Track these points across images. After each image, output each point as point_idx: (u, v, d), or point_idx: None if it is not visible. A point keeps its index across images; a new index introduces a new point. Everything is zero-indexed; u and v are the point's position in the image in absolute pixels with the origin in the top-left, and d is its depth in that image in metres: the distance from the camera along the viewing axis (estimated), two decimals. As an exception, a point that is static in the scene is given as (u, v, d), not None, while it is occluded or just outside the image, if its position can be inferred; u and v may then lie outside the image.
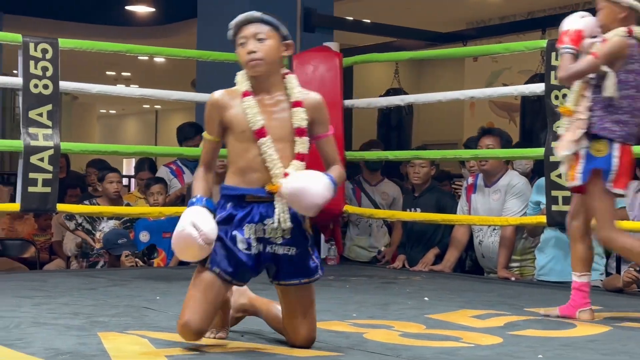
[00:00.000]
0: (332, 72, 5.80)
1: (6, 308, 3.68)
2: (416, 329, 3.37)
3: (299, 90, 2.82)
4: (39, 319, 3.38)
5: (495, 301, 4.25)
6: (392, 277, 5.36)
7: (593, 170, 3.54)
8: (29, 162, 4.94)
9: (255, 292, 3.13)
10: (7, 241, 7.49)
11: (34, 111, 4.98)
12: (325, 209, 5.66)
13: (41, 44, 5.04)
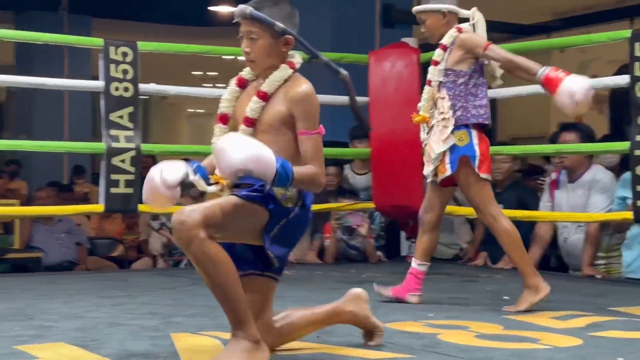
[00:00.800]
0: (409, 69, 5.74)
1: (87, 308, 3.77)
2: (493, 330, 3.30)
3: (272, 81, 2.65)
4: (116, 320, 3.43)
5: (579, 300, 4.14)
6: (473, 275, 5.31)
7: (460, 158, 3.88)
8: (111, 164, 5.03)
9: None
10: (96, 240, 7.67)
11: (114, 113, 5.06)
12: (404, 207, 5.69)
13: (121, 47, 5.13)
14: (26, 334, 3.12)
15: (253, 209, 2.52)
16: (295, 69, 2.68)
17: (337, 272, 5.26)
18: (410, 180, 5.71)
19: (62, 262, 6.82)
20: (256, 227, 2.54)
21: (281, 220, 2.56)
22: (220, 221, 2.43)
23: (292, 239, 2.67)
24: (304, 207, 2.63)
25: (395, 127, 5.69)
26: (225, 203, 2.50)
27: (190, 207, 2.43)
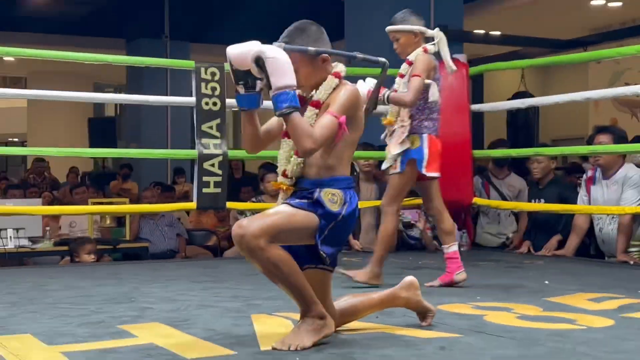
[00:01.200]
0: (459, 81, 5.64)
1: (181, 292, 3.77)
2: (533, 312, 3.18)
3: (323, 91, 2.53)
4: (204, 302, 3.42)
5: (612, 284, 3.98)
6: (517, 261, 5.17)
7: (409, 160, 3.94)
8: (203, 168, 5.05)
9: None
10: (194, 232, 7.73)
11: (205, 125, 5.08)
12: (456, 201, 5.59)
13: (210, 68, 5.14)
14: (129, 314, 3.13)
15: (304, 215, 2.45)
16: (340, 77, 2.58)
17: (397, 260, 5.17)
18: (460, 178, 5.61)
19: (165, 251, 6.88)
20: (308, 230, 2.46)
21: (330, 224, 2.48)
22: (276, 228, 2.38)
23: (341, 239, 2.59)
24: (350, 209, 2.53)
25: (448, 131, 5.51)
26: (279, 212, 2.45)
27: (248, 219, 2.39)
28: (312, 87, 2.58)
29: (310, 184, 2.51)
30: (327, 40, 2.61)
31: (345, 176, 2.56)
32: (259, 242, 2.32)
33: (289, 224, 2.42)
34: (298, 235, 2.46)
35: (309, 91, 2.60)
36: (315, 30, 2.59)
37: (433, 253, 5.64)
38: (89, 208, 6.52)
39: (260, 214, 2.45)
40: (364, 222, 5.99)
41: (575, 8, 10.51)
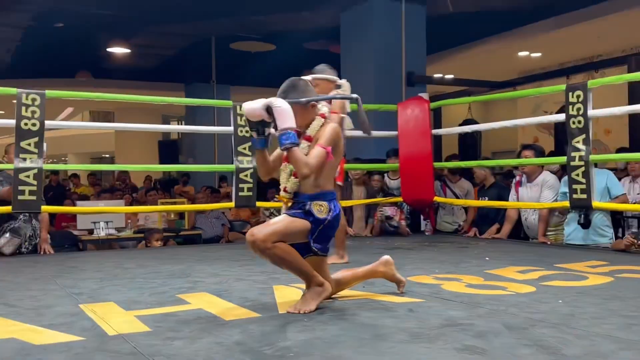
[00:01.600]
0: (423, 113, 5.62)
1: (223, 269, 3.75)
2: (477, 281, 3.17)
3: (312, 128, 2.53)
4: (240, 276, 3.40)
5: (534, 260, 3.94)
6: (465, 243, 5.12)
7: None
8: (239, 177, 5.02)
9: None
10: (234, 222, 7.70)
11: (240, 146, 5.05)
12: (422, 199, 5.55)
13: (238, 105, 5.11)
14: (185, 286, 3.11)
15: (299, 222, 2.47)
16: (325, 117, 2.60)
17: (380, 242, 5.16)
18: (425, 183, 5.60)
19: (213, 237, 6.85)
20: (303, 233, 2.48)
21: (319, 227, 2.49)
22: (278, 233, 2.39)
23: (328, 236, 2.57)
24: (334, 214, 2.53)
25: (414, 149, 5.61)
26: (281, 220, 2.45)
27: (257, 228, 2.40)
28: (305, 125, 2.58)
29: (304, 197, 2.51)
30: (312, 89, 2.60)
31: (330, 191, 2.56)
32: (266, 244, 2.35)
33: (288, 229, 2.42)
34: (296, 236, 2.46)
35: (303, 128, 2.59)
36: (303, 84, 2.57)
37: (405, 237, 5.60)
38: (157, 207, 6.52)
39: (266, 223, 2.46)
40: (356, 215, 5.96)
41: (507, 57, 10.46)
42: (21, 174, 4.26)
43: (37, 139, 4.33)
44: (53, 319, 2.37)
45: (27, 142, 4.28)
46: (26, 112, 4.29)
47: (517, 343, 1.97)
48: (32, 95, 4.31)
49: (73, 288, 3.08)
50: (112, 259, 4.35)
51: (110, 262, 4.14)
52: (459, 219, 6.06)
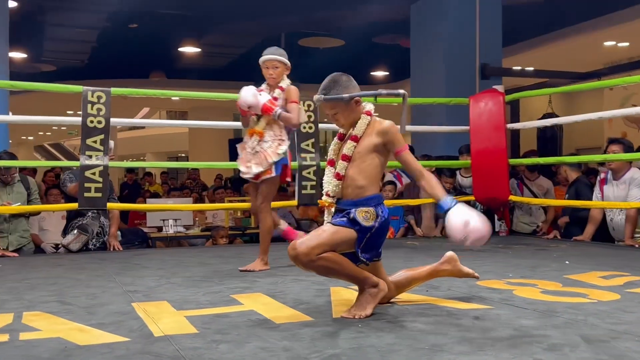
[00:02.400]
0: (497, 106, 5.32)
1: (282, 268, 3.66)
2: (554, 287, 2.92)
3: (359, 128, 2.40)
4: (297, 277, 3.30)
5: (620, 264, 3.62)
6: (544, 245, 4.81)
7: (283, 165, 3.56)
8: (302, 175, 4.94)
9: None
10: (301, 220, 7.64)
11: (303, 143, 4.98)
12: (495, 198, 5.28)
13: (307, 101, 5.03)
14: (240, 286, 3.04)
15: (344, 231, 2.32)
16: (371, 114, 2.45)
17: (449, 243, 4.91)
18: (499, 181, 5.31)
19: (279, 235, 6.80)
20: (349, 242, 2.33)
21: (366, 235, 2.34)
22: (321, 245, 2.25)
23: (377, 244, 2.40)
24: (382, 220, 2.36)
25: (488, 145, 5.33)
26: (325, 230, 2.32)
27: (300, 241, 2.27)
28: (350, 124, 2.45)
29: (347, 204, 2.37)
30: (355, 85, 2.45)
31: (376, 194, 2.39)
32: (310, 257, 2.23)
33: (332, 240, 2.29)
34: (341, 247, 2.33)
35: (349, 127, 2.45)
36: (345, 79, 2.43)
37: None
38: (222, 205, 6.57)
39: (310, 234, 2.34)
40: (424, 215, 5.75)
41: (591, 47, 9.89)
42: (87, 171, 4.35)
43: (103, 137, 4.41)
44: (103, 318, 2.35)
45: (92, 140, 4.37)
46: (92, 109, 4.38)
47: (596, 358, 1.75)
48: (97, 92, 4.40)
49: (130, 286, 3.08)
50: (175, 257, 4.37)
51: (173, 260, 4.16)
52: (537, 219, 5.73)
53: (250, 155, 3.57)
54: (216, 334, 2.08)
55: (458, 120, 5.84)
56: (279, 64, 3.60)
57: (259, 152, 3.55)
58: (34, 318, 2.35)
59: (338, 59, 10.29)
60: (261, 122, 3.56)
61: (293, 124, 3.57)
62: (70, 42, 10.19)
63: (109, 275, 3.45)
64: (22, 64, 11.03)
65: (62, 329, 2.18)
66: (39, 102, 13.99)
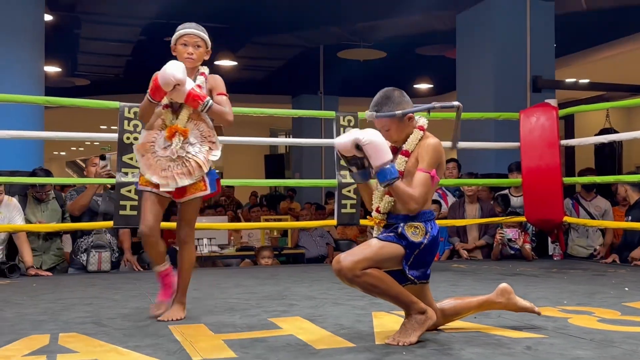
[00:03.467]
0: (550, 121, 5.27)
1: (321, 291, 3.69)
2: (612, 315, 2.86)
3: (410, 142, 2.40)
4: (338, 300, 3.31)
5: (686, 292, 3.55)
6: (602, 270, 4.71)
7: (217, 180, 2.92)
8: (341, 193, 4.97)
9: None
10: (340, 241, 7.66)
11: (342, 160, 5.00)
12: (548, 220, 5.22)
13: (347, 116, 5.08)
14: (278, 309, 3.08)
15: (391, 246, 2.33)
16: (424, 129, 2.46)
17: (498, 267, 4.88)
18: (552, 201, 5.24)
19: (317, 256, 6.84)
20: (396, 259, 2.34)
21: (414, 252, 2.34)
22: (367, 260, 2.26)
23: (426, 261, 2.40)
24: (431, 237, 2.37)
25: (540, 163, 5.27)
26: (370, 245, 2.34)
27: (344, 254, 2.29)
28: (402, 140, 2.47)
29: (397, 218, 2.39)
30: (408, 100, 2.47)
31: (427, 210, 2.40)
32: (354, 272, 2.25)
33: (378, 255, 2.30)
34: (387, 263, 2.34)
35: (401, 144, 2.47)
36: (397, 95, 2.46)
37: (529, 262, 5.27)
38: (259, 224, 6.64)
39: (355, 248, 2.36)
40: (471, 236, 5.71)
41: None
42: (123, 188, 4.48)
43: (139, 153, 4.53)
44: (140, 340, 2.42)
45: (128, 157, 4.50)
46: (128, 125, 4.51)
47: (659, 395, 1.72)
48: (134, 108, 4.53)
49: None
50: (210, 277, 4.44)
51: (208, 280, 4.22)
52: (594, 242, 5.63)
53: (166, 162, 2.78)
54: (255, 359, 2.12)
55: (507, 136, 5.81)
56: (201, 42, 2.88)
57: (183, 158, 2.78)
58: (70, 339, 2.43)
59: (379, 71, 10.36)
60: (182, 117, 2.80)
61: (227, 121, 2.87)
62: (105, 55, 10.51)
63: (144, 296, 3.53)
64: (56, 77, 11.41)
65: (99, 350, 2.25)
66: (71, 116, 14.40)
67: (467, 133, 6.45)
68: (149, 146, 2.84)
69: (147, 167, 2.82)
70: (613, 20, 8.51)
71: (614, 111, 8.99)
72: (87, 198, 4.81)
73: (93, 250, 4.73)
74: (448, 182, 5.93)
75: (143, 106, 2.84)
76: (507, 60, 7.00)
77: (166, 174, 2.78)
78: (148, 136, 2.86)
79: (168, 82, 2.67)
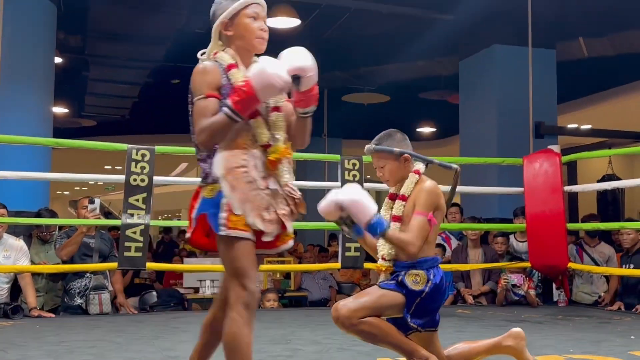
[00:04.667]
0: (553, 167, 5.31)
1: (326, 336, 3.65)
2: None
3: (407, 186, 2.42)
4: (343, 346, 3.29)
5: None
6: (608, 317, 4.67)
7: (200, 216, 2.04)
8: (345, 237, 4.92)
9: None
10: (343, 284, 7.62)
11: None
12: (553, 266, 5.21)
13: (352, 160, 5.12)
14: (283, 354, 3.07)
15: (391, 294, 2.34)
16: (420, 174, 2.47)
17: (503, 313, 4.85)
18: (557, 247, 5.24)
19: (320, 299, 6.80)
20: (397, 307, 2.35)
21: (416, 300, 2.34)
22: (365, 309, 2.28)
23: (431, 309, 2.39)
24: (434, 285, 2.36)
25: (544, 208, 5.30)
26: (370, 293, 2.35)
27: (343, 302, 2.30)
28: (396, 181, 2.49)
29: (399, 266, 2.40)
30: (409, 144, 2.51)
31: (430, 257, 2.40)
32: (352, 320, 2.25)
33: (377, 303, 2.31)
34: (387, 311, 2.34)
35: (394, 184, 2.50)
36: (400, 136, 2.51)
37: (534, 308, 5.24)
38: (261, 266, 6.59)
39: (355, 296, 2.37)
40: (474, 281, 5.69)
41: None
42: (128, 230, 4.50)
43: (146, 195, 4.58)
44: (145, 383, 2.41)
45: (135, 198, 4.53)
46: (136, 167, 4.56)
47: None
48: (142, 150, 4.59)
49: (170, 351, 3.13)
50: (213, 321, 4.41)
51: (211, 324, 4.19)
52: (599, 288, 5.59)
53: (269, 198, 2.02)
54: (261, 406, 2.10)
55: (511, 182, 5.84)
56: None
57: (281, 195, 2.06)
58: (75, 382, 2.42)
59: (383, 114, 10.47)
60: (280, 130, 2.07)
61: (307, 138, 2.17)
62: (112, 97, 10.65)
63: (147, 339, 3.52)
64: (63, 118, 11.54)
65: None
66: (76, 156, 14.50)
67: (472, 178, 6.53)
68: (242, 173, 1.98)
69: (244, 203, 1.95)
70: (614, 68, 8.64)
71: (616, 158, 9.05)
72: (77, 245, 4.68)
73: (92, 292, 4.69)
74: (451, 227, 5.95)
75: (217, 125, 1.91)
76: (509, 106, 7.09)
77: (270, 216, 2.00)
78: (233, 159, 1.97)
79: (273, 85, 1.89)
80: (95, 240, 4.84)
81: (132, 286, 7.15)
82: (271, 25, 8.34)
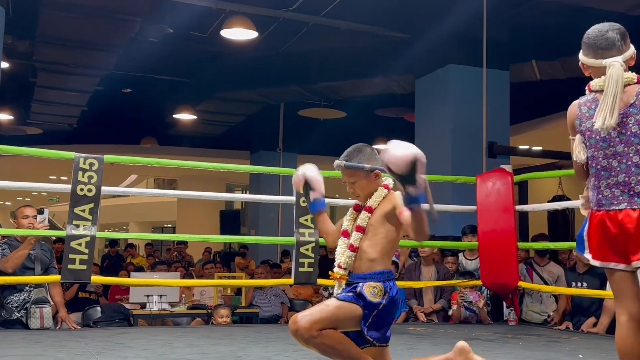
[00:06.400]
0: (505, 187, 5.43)
1: (277, 352, 3.62)
2: (568, 381, 2.93)
3: (374, 199, 2.48)
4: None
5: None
6: (556, 336, 4.76)
7: None
8: (299, 251, 4.96)
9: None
10: (294, 300, 7.59)
11: (302, 218, 5.01)
12: (504, 284, 5.31)
13: (307, 175, 5.12)
14: (232, 371, 3.03)
15: (349, 306, 2.36)
16: (389, 188, 2.53)
17: (455, 331, 4.90)
18: (507, 265, 5.34)
19: (272, 316, 6.75)
20: (354, 319, 2.37)
21: (373, 312, 2.36)
22: (324, 320, 2.29)
23: (386, 322, 2.42)
24: (390, 297, 2.40)
25: (496, 227, 5.40)
26: (328, 305, 2.36)
27: (301, 314, 2.31)
28: (366, 196, 2.52)
29: (356, 277, 2.41)
30: (378, 158, 2.53)
31: (386, 269, 2.43)
32: (311, 332, 2.25)
33: (335, 315, 2.32)
34: (346, 324, 2.35)
35: (364, 200, 2.53)
36: (369, 151, 2.55)
37: (486, 326, 5.32)
38: (212, 281, 6.55)
39: (312, 308, 2.38)
40: (426, 299, 5.75)
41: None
42: (73, 241, 4.38)
43: (92, 205, 4.47)
44: (86, 400, 2.34)
45: (81, 209, 4.42)
46: (83, 177, 4.46)
47: None
48: (90, 159, 4.49)
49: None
50: (160, 337, 4.33)
51: (159, 340, 4.12)
52: (548, 308, 5.72)
53: None
54: (208, 423, 2.07)
55: (464, 200, 5.94)
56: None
57: None
58: (11, 399, 2.33)
59: (339, 130, 10.53)
60: None
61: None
62: (60, 105, 10.43)
63: (90, 355, 3.42)
64: (7, 125, 11.23)
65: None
66: (19, 164, 14.13)
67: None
68: None
69: None
70: (565, 91, 8.91)
71: (567, 179, 9.31)
72: (23, 257, 4.48)
73: (34, 306, 4.53)
74: (405, 243, 5.98)
75: None
76: (463, 125, 7.23)
77: None
78: None
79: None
80: (35, 250, 4.68)
81: (76, 300, 6.97)
82: (227, 37, 8.36)
